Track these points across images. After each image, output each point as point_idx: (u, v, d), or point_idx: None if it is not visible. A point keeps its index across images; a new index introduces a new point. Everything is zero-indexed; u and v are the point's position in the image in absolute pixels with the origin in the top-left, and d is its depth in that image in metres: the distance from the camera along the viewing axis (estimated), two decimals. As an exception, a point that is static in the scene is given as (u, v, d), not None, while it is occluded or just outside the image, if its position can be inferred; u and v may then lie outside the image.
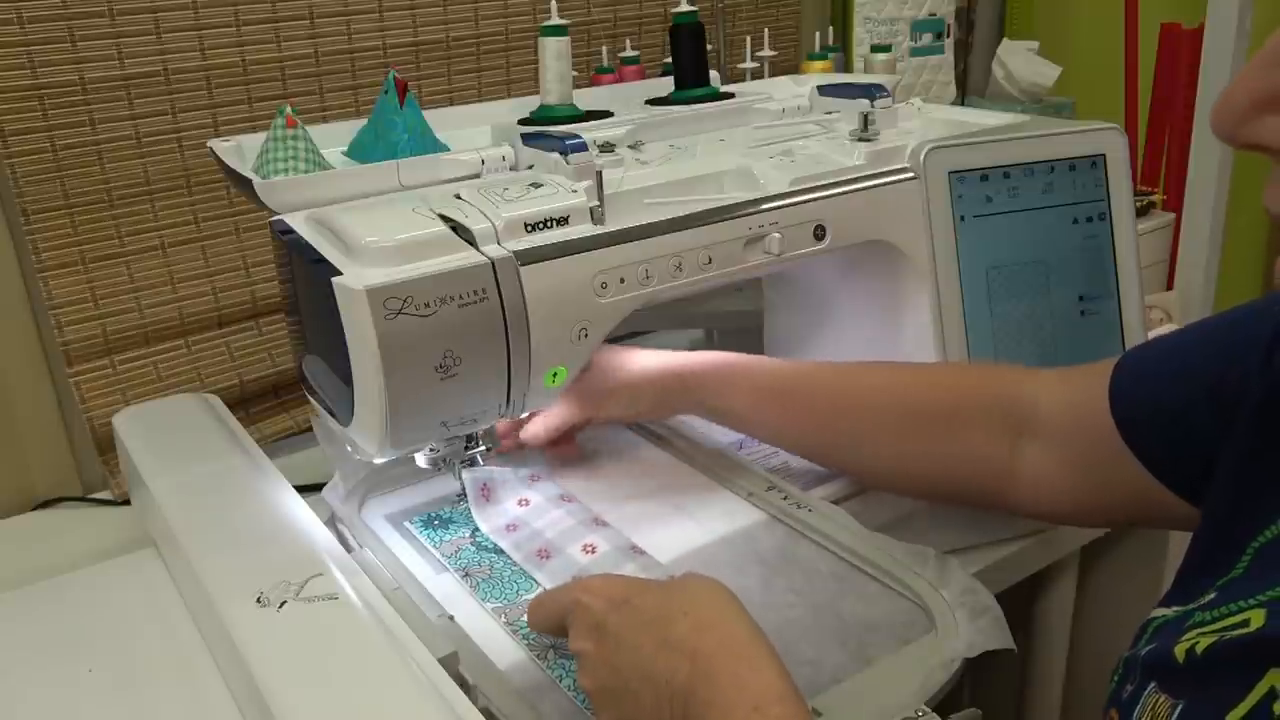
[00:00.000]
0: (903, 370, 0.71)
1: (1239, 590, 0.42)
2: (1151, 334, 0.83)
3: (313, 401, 0.69)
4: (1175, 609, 0.46)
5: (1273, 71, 0.36)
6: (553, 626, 0.57)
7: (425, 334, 0.57)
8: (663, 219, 0.66)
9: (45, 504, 0.89)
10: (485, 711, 0.53)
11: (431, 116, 0.74)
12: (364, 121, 0.74)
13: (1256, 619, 0.39)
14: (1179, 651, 0.41)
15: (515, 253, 0.60)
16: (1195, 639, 0.40)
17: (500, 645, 0.62)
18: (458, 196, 0.63)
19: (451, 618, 0.62)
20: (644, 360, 0.75)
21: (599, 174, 0.64)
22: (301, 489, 0.70)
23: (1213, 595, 0.44)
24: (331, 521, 0.74)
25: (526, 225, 0.61)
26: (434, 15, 0.97)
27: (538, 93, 0.78)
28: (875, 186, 0.74)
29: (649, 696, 0.49)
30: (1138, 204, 1.04)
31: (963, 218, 0.76)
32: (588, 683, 0.52)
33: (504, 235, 0.60)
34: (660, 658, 0.49)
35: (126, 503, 0.85)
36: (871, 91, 0.80)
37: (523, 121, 0.77)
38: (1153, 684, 0.42)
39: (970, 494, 0.68)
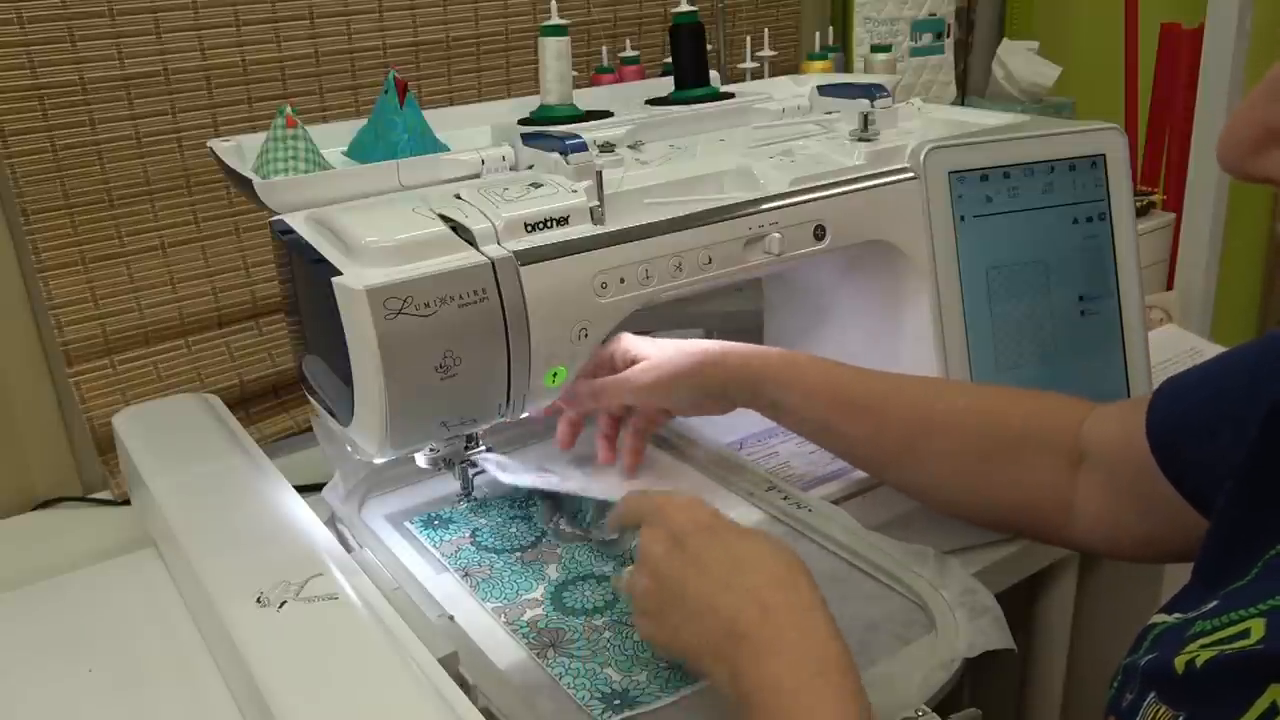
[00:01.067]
0: (979, 393, 0.70)
1: (1241, 598, 0.42)
2: (1152, 334, 0.83)
3: (313, 401, 0.69)
4: (1177, 616, 0.46)
5: (1274, 105, 0.36)
6: (630, 521, 0.59)
7: (425, 334, 0.57)
8: (663, 219, 0.66)
9: (45, 504, 0.89)
10: (485, 711, 0.53)
11: (431, 116, 0.74)
12: (364, 121, 0.74)
13: (1257, 629, 0.39)
14: (1179, 663, 0.40)
15: (515, 253, 0.60)
16: (1195, 652, 0.40)
17: (500, 645, 0.62)
18: (458, 196, 0.63)
19: (451, 618, 0.62)
20: (708, 349, 0.74)
21: (599, 174, 0.64)
22: (301, 489, 0.70)
23: (1215, 603, 0.44)
24: (331, 521, 0.74)
25: (526, 225, 0.61)
26: (434, 15, 0.97)
27: (538, 93, 0.78)
28: (875, 186, 0.74)
29: (704, 624, 0.50)
30: (1138, 204, 1.04)
31: (963, 218, 0.76)
32: (646, 580, 0.54)
33: (504, 235, 0.60)
34: (728, 596, 0.51)
35: (126, 503, 0.85)
36: (871, 91, 0.80)
37: (523, 121, 0.77)
38: (1153, 694, 0.42)
39: (1030, 524, 0.68)
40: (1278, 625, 0.38)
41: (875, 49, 1.21)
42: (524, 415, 0.66)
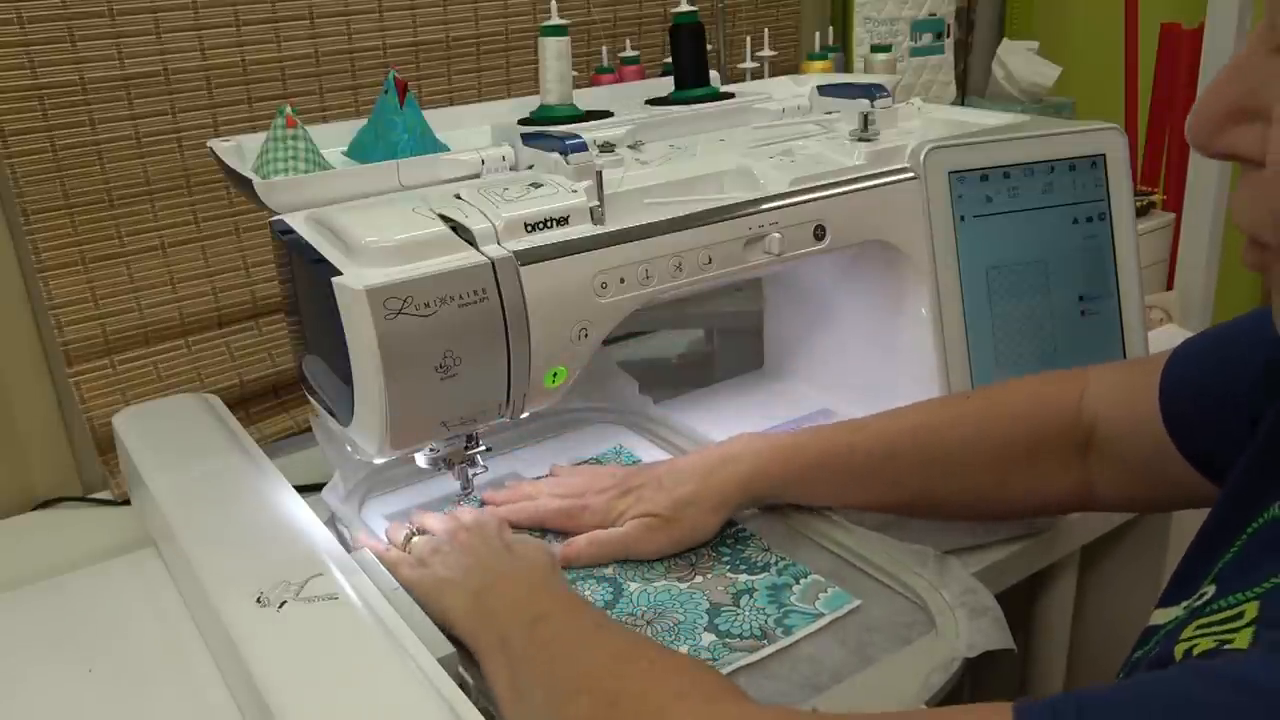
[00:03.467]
0: (975, 416, 0.68)
1: (1235, 580, 0.43)
2: (1151, 334, 0.83)
3: (313, 401, 0.69)
4: (1183, 605, 0.47)
5: (1239, 83, 0.37)
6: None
7: (425, 334, 0.57)
8: (663, 219, 0.66)
9: (45, 504, 0.89)
10: (485, 712, 0.53)
11: (431, 116, 0.74)
12: (364, 121, 0.74)
13: (1250, 610, 0.39)
14: (1178, 651, 0.41)
15: (515, 253, 0.60)
16: (1195, 639, 0.41)
17: (500, 645, 0.61)
18: (458, 196, 0.63)
19: (451, 618, 0.62)
20: (706, 490, 0.69)
21: (599, 174, 0.64)
22: (301, 489, 0.70)
23: (1211, 590, 0.44)
24: (331, 521, 0.73)
25: (526, 225, 0.61)
26: (434, 15, 0.97)
27: (538, 93, 0.78)
28: (875, 186, 0.74)
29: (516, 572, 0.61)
30: (1138, 204, 1.04)
31: (963, 218, 0.76)
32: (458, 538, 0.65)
33: (504, 235, 0.60)
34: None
35: (126, 503, 0.85)
36: (871, 91, 0.80)
37: (523, 121, 0.77)
38: None
39: (1058, 509, 0.70)
40: (1270, 606, 0.38)
41: (875, 49, 1.21)
42: (524, 415, 0.66)
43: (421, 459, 0.70)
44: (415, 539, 0.67)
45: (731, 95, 0.86)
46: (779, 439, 0.71)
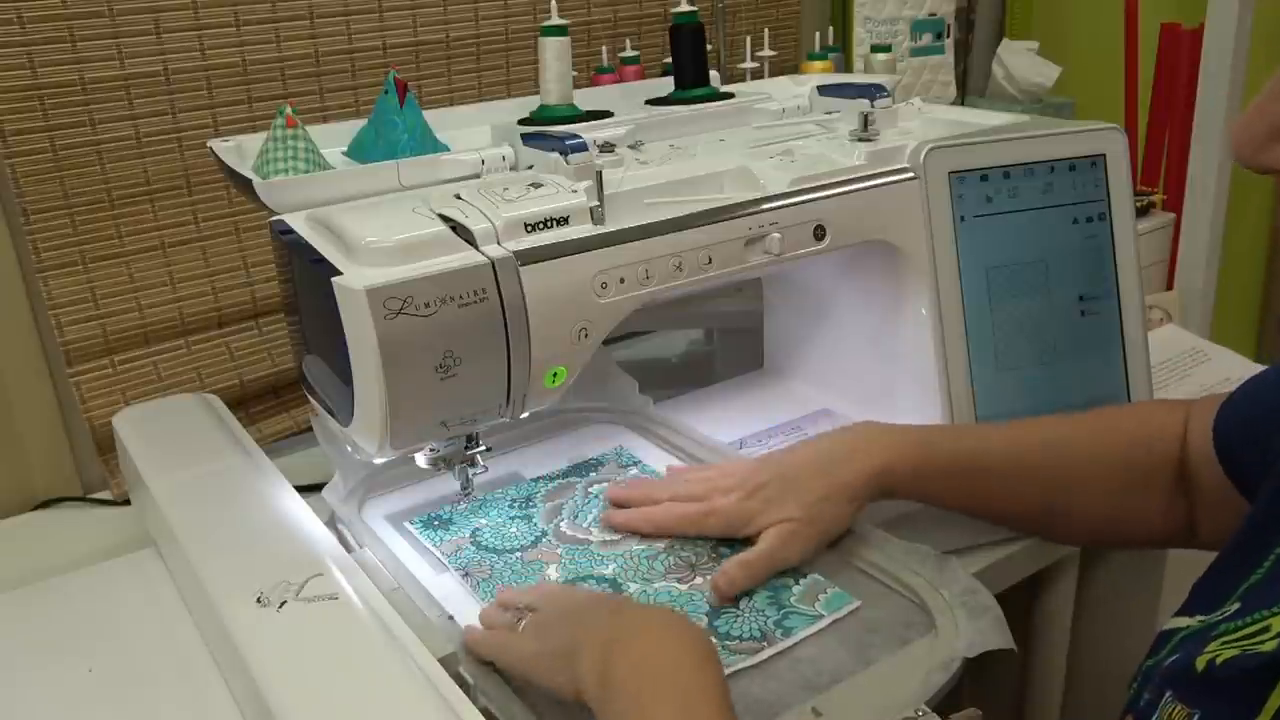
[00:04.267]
0: (1094, 426, 0.68)
1: (1262, 597, 0.43)
2: (1151, 334, 0.83)
3: (313, 401, 0.69)
4: (1199, 618, 0.46)
5: None
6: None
7: (425, 334, 0.57)
8: (663, 219, 0.66)
9: (45, 504, 0.89)
10: (485, 711, 0.53)
11: (431, 116, 0.74)
12: (364, 121, 0.74)
13: (1277, 624, 0.39)
14: (1200, 663, 0.41)
15: (515, 253, 0.60)
16: (1218, 650, 0.41)
17: (500, 645, 0.61)
18: (458, 196, 0.63)
19: (451, 618, 0.62)
20: (837, 478, 0.66)
21: (599, 174, 0.65)
22: (301, 489, 0.70)
23: (1237, 605, 0.44)
24: (331, 521, 0.73)
25: (526, 225, 0.61)
26: (434, 15, 0.97)
27: (538, 93, 0.78)
28: (875, 186, 0.74)
29: (592, 623, 0.53)
30: (1138, 204, 1.04)
31: (963, 218, 0.76)
32: (542, 611, 0.57)
33: (504, 235, 0.60)
34: (622, 615, 0.54)
35: (126, 503, 0.85)
36: (871, 91, 0.80)
37: (523, 121, 0.77)
38: (1169, 693, 0.42)
39: (1164, 541, 0.68)
40: None
41: (875, 49, 1.21)
42: (524, 415, 0.66)
43: (421, 459, 0.70)
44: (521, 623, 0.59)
45: (731, 95, 0.86)
46: (904, 433, 0.68)
